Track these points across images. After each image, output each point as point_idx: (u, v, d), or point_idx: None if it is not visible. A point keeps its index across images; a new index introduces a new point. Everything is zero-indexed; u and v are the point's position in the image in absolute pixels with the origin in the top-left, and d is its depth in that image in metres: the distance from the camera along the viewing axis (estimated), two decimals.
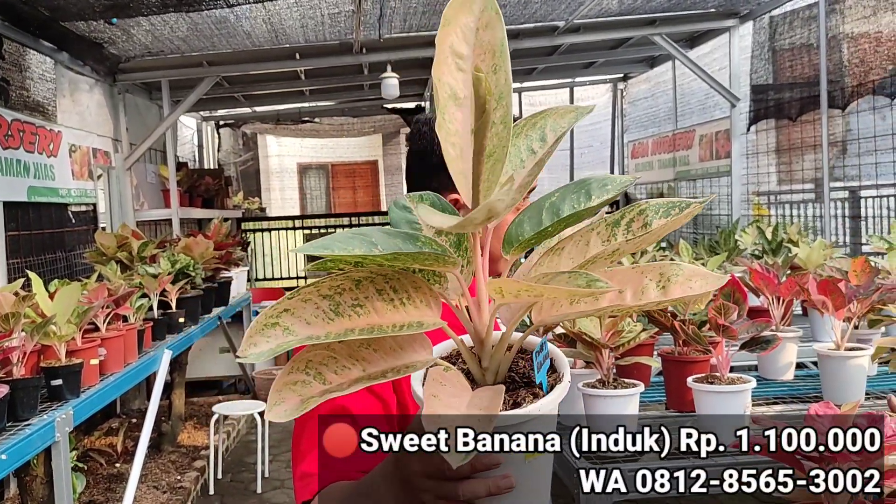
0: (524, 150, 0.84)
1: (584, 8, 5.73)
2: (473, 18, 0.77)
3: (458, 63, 0.77)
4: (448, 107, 0.78)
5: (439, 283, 0.81)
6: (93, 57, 5.37)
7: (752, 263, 3.34)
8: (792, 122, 6.04)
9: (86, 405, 2.83)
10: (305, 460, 1.13)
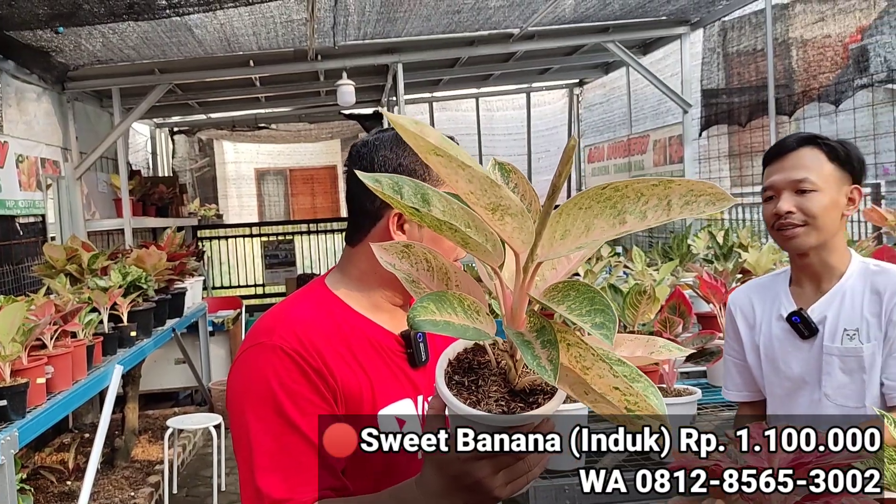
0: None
1: (538, 16, 5.78)
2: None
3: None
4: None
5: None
6: (40, 65, 5.25)
7: (703, 269, 3.41)
8: (742, 127, 6.17)
9: (32, 426, 2.76)
10: (270, 480, 1.07)
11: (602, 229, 0.75)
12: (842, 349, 1.67)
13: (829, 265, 1.72)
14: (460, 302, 0.81)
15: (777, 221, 1.71)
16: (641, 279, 3.32)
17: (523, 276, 0.81)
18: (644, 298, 2.24)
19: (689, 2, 5.97)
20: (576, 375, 0.78)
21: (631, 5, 5.93)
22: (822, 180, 1.67)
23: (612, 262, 4.66)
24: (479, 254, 0.83)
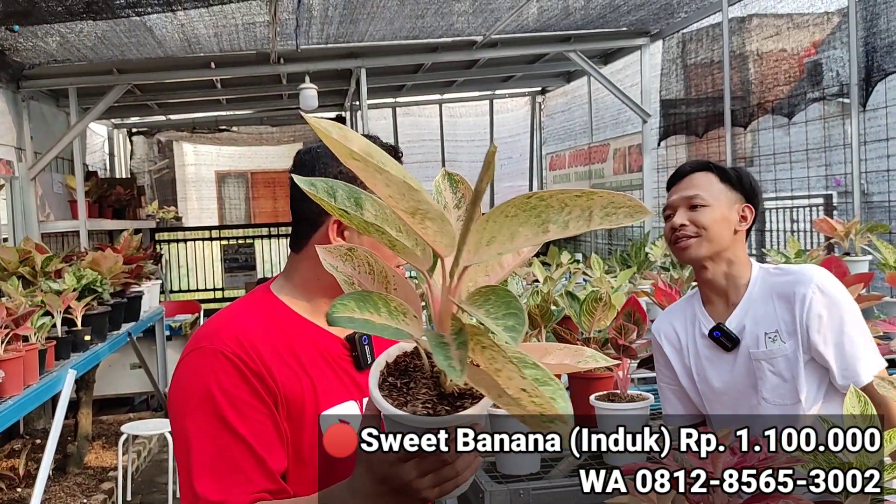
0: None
1: (501, 23, 5.83)
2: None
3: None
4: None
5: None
6: None
7: (660, 277, 3.47)
8: (699, 138, 6.29)
9: None
10: (206, 483, 1.07)
11: (526, 237, 0.78)
12: (767, 352, 1.75)
13: (732, 276, 1.83)
14: (385, 303, 0.83)
15: (673, 235, 1.84)
16: (599, 286, 3.37)
17: (449, 280, 0.83)
18: (600, 305, 2.28)
19: (648, 14, 6.08)
20: (489, 378, 0.80)
21: (592, 16, 6.02)
22: (713, 197, 1.81)
23: (572, 268, 4.72)
24: (408, 258, 0.85)
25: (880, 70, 4.50)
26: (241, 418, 1.10)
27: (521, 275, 4.02)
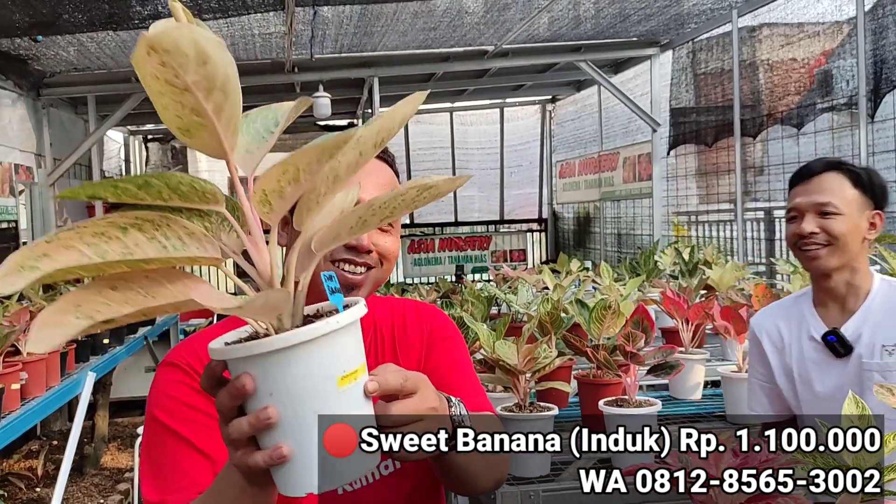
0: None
1: (512, 34, 5.90)
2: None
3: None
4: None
5: (213, 231, 0.75)
6: (15, 72, 5.25)
7: (668, 285, 3.52)
8: (709, 147, 6.33)
9: (7, 430, 2.78)
10: (148, 485, 1.09)
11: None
12: (882, 364, 1.71)
13: (854, 286, 1.79)
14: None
15: (800, 241, 1.77)
16: (608, 294, 3.42)
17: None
18: (609, 313, 2.34)
19: (659, 24, 6.14)
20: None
21: (603, 26, 6.09)
22: (845, 204, 1.73)
23: (581, 276, 4.77)
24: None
25: (889, 82, 4.54)
26: (182, 422, 1.08)
27: (531, 282, 4.07)
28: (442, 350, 1.31)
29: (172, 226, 0.70)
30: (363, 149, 0.73)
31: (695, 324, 2.71)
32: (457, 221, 10.31)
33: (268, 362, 0.74)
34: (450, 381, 1.19)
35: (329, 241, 0.79)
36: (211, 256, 0.72)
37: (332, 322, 0.75)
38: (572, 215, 9.66)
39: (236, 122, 0.70)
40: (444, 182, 0.76)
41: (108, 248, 0.66)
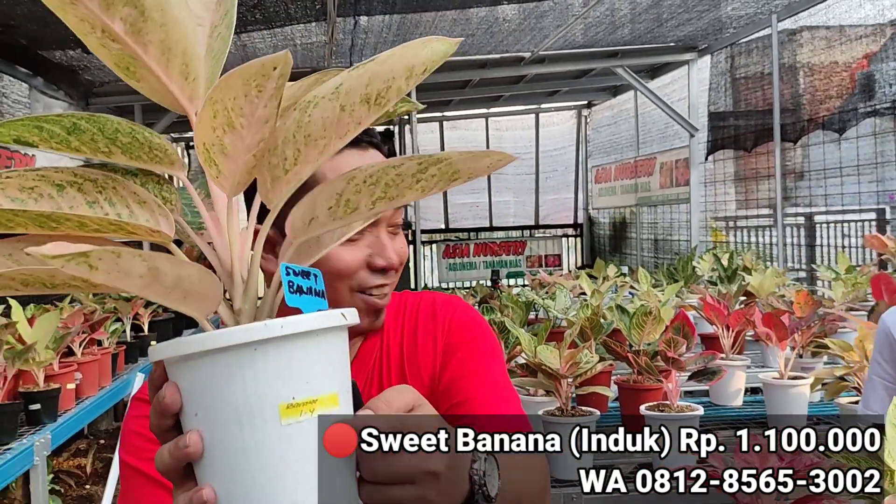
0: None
1: (549, 40, 5.94)
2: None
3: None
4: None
5: (171, 202, 0.62)
6: (67, 82, 5.43)
7: (707, 291, 3.52)
8: (748, 152, 6.29)
9: (63, 429, 2.89)
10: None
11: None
12: None
13: None
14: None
15: None
16: (647, 300, 3.44)
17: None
18: (650, 319, 2.36)
19: (697, 29, 6.13)
20: None
21: (640, 31, 6.10)
22: None
23: (618, 282, 4.78)
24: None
25: None
26: (150, 462, 0.86)
27: (567, 287, 4.10)
28: (464, 357, 1.05)
29: (120, 189, 0.57)
30: (345, 102, 0.55)
31: (735, 330, 2.72)
32: (492, 226, 10.35)
33: (194, 370, 0.57)
34: (471, 396, 1.00)
35: (303, 226, 0.60)
36: (158, 230, 0.57)
37: (275, 325, 0.55)
38: (608, 220, 9.64)
39: (184, 61, 0.55)
40: (461, 158, 0.55)
41: (36, 207, 0.54)
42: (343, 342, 0.61)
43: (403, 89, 0.57)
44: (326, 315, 0.59)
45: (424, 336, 1.07)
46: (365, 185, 0.56)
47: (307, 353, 0.57)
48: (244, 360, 0.55)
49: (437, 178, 0.56)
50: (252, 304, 0.61)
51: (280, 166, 0.58)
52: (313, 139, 0.57)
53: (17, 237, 0.56)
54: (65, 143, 0.55)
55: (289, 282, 0.59)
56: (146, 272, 0.51)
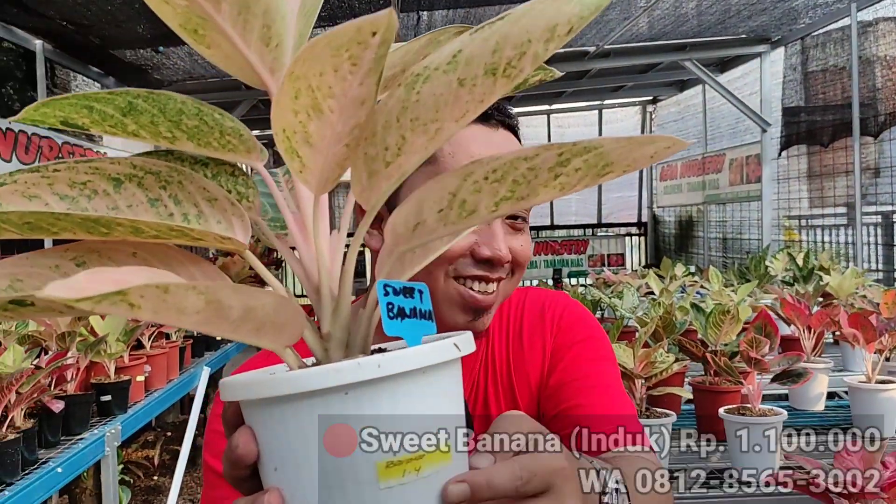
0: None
1: (614, 34, 5.81)
2: None
3: None
4: None
5: (247, 199, 0.52)
6: (137, 81, 5.55)
7: (783, 292, 3.38)
8: (824, 147, 6.05)
9: (132, 420, 2.93)
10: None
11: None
12: None
13: None
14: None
15: None
16: (719, 299, 3.32)
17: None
18: (727, 318, 2.26)
19: (770, 20, 5.91)
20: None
21: (710, 22, 5.91)
22: None
23: (687, 281, 4.65)
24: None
25: None
26: (214, 456, 0.89)
27: (634, 286, 4.00)
28: (574, 358, 0.95)
29: (187, 184, 0.48)
30: (465, 74, 0.44)
31: (817, 332, 2.60)
32: (553, 225, 10.23)
33: (269, 416, 0.47)
34: (581, 402, 0.90)
35: (406, 232, 0.48)
36: (229, 236, 0.48)
37: (370, 364, 0.44)
38: (674, 219, 9.42)
39: (265, 21, 0.45)
40: (617, 146, 0.43)
41: (89, 206, 0.45)
42: (456, 379, 0.50)
43: (541, 56, 0.44)
44: (436, 349, 0.47)
45: (531, 337, 0.97)
46: (487, 183, 0.44)
47: (411, 398, 0.46)
48: (332, 408, 0.45)
49: (583, 172, 0.43)
50: (343, 329, 0.51)
51: (379, 158, 0.47)
52: (422, 123, 0.45)
53: (68, 245, 0.47)
54: (120, 125, 0.46)
55: (388, 304, 0.49)
56: (204, 307, 0.40)
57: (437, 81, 0.44)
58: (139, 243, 0.48)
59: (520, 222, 0.92)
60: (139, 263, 0.48)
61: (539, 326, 0.98)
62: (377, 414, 0.45)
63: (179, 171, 0.48)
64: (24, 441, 2.15)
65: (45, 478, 2.20)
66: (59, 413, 2.41)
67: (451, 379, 0.49)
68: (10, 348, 2.21)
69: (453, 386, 0.49)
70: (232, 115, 0.51)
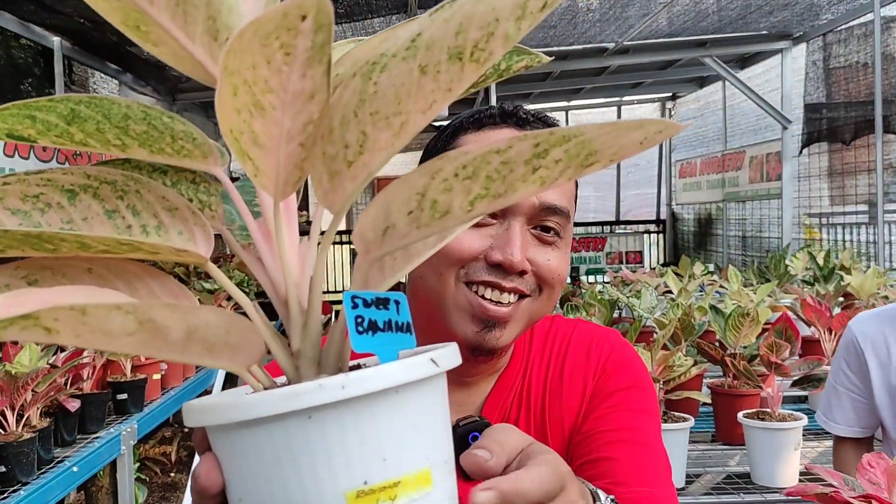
0: None
1: (634, 30, 5.76)
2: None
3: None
4: None
5: (210, 207, 0.49)
6: (155, 78, 5.57)
7: (804, 292, 3.33)
8: (846, 145, 5.97)
9: (149, 418, 2.94)
10: None
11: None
12: None
13: None
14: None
15: None
16: (738, 299, 3.28)
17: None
18: (747, 321, 2.23)
19: (791, 15, 5.83)
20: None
21: (731, 17, 5.84)
22: None
23: (705, 280, 4.60)
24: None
25: None
26: None
27: (652, 285, 3.96)
28: (613, 406, 0.87)
29: (145, 194, 0.45)
30: (427, 60, 0.39)
31: (838, 334, 2.55)
32: None
33: (230, 443, 0.43)
34: (612, 455, 0.83)
35: (376, 238, 0.43)
36: (185, 249, 0.44)
37: (333, 385, 0.40)
38: (693, 216, 9.35)
39: (209, 12, 0.42)
40: (601, 132, 0.38)
41: (42, 220, 0.43)
42: (437, 396, 0.45)
43: (512, 36, 0.39)
44: (407, 366, 0.42)
45: (573, 376, 0.89)
46: (457, 180, 0.39)
47: (382, 420, 0.41)
48: (293, 434, 0.40)
49: (564, 163, 0.39)
50: (315, 345, 0.46)
51: (340, 157, 0.42)
52: (383, 117, 0.41)
53: (20, 262, 0.44)
54: (66, 135, 0.43)
55: (356, 318, 0.44)
56: (137, 328, 0.36)
57: (395, 70, 0.40)
58: (94, 258, 0.45)
59: (550, 236, 0.84)
60: (93, 280, 0.45)
61: (582, 365, 0.90)
62: (343, 438, 0.40)
63: (137, 180, 0.45)
64: (40, 440, 2.16)
65: (60, 477, 2.21)
66: (75, 412, 2.42)
67: (432, 398, 0.45)
68: (26, 347, 2.22)
69: (433, 406, 0.45)
70: None
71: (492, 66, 0.51)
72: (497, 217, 0.82)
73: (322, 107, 0.40)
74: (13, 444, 2.05)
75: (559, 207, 0.83)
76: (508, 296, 0.81)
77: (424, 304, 0.84)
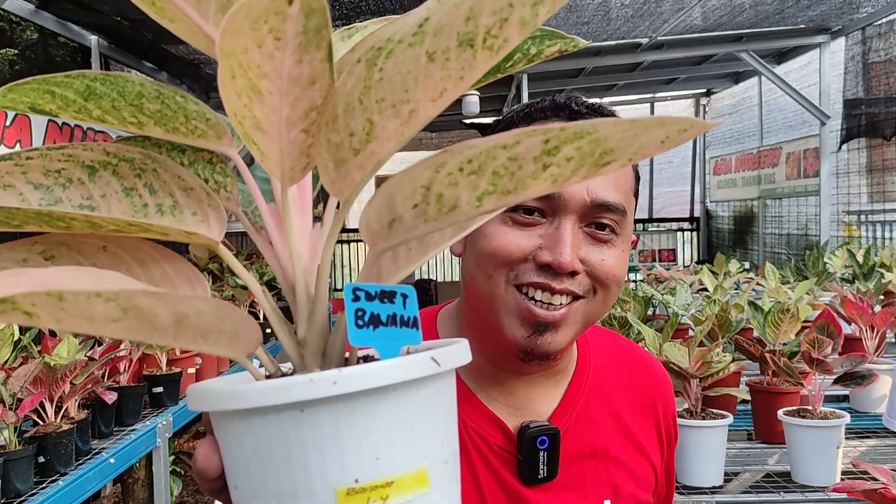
0: None
1: (668, 25, 5.69)
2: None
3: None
4: None
5: (225, 188, 0.48)
6: (190, 76, 5.62)
7: (844, 289, 3.26)
8: (887, 140, 5.84)
9: (184, 412, 2.97)
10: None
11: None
12: None
13: None
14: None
15: None
16: (776, 297, 3.22)
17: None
18: (787, 317, 2.18)
19: (830, 9, 5.72)
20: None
21: (767, 12, 5.74)
22: None
23: (741, 278, 4.53)
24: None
25: None
26: None
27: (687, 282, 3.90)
28: (672, 453, 0.98)
29: (162, 173, 0.45)
30: (434, 47, 0.38)
31: (881, 331, 2.49)
32: None
33: (228, 431, 0.44)
34: (669, 497, 0.99)
35: (382, 230, 0.42)
36: (194, 231, 0.44)
37: (324, 380, 0.39)
38: (728, 214, 9.21)
39: None
40: (617, 130, 0.36)
41: (63, 195, 0.43)
42: (440, 395, 0.44)
43: (529, 21, 0.36)
44: (405, 363, 0.40)
45: (643, 409, 0.92)
46: (463, 175, 0.37)
47: (375, 418, 0.40)
48: (286, 427, 0.40)
49: (577, 161, 0.36)
50: (320, 335, 0.46)
51: (345, 145, 0.41)
52: (390, 105, 0.39)
53: (38, 237, 0.44)
54: (84, 111, 0.43)
55: (357, 310, 0.42)
56: (121, 315, 0.35)
57: (402, 56, 0.38)
58: (108, 236, 0.45)
59: (605, 234, 0.81)
60: (108, 258, 0.45)
61: (650, 400, 0.94)
62: (336, 435, 0.40)
63: (154, 159, 0.45)
64: (78, 431, 2.19)
65: (98, 468, 2.24)
66: (112, 404, 2.45)
67: (433, 397, 0.43)
68: (64, 340, 2.25)
69: (436, 405, 0.43)
70: None
71: (520, 52, 0.51)
72: (547, 215, 0.80)
73: (325, 93, 0.39)
74: (52, 435, 2.08)
75: (612, 204, 0.80)
76: (560, 297, 0.78)
77: (477, 306, 0.83)
